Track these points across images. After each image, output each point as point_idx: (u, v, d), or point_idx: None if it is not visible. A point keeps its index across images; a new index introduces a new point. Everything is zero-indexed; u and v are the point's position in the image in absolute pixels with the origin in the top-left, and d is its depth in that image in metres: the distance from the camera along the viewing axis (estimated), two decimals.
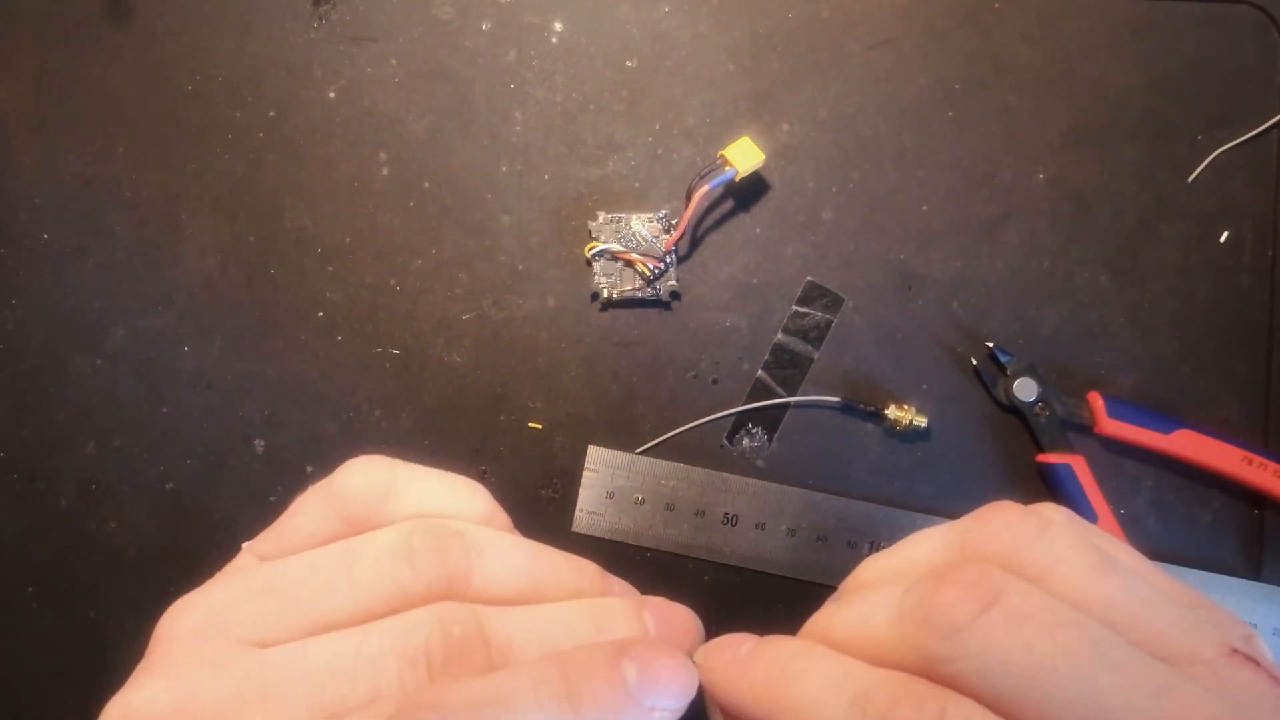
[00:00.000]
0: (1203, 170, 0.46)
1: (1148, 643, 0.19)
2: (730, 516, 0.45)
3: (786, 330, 0.47)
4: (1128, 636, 0.19)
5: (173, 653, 0.23)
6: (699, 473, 0.46)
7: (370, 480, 0.26)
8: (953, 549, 0.23)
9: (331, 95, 0.48)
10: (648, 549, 0.46)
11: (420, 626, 0.23)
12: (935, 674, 0.19)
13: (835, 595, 0.27)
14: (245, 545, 0.26)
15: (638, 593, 0.28)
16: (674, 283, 0.46)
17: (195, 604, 0.24)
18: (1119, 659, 0.18)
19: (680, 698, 0.23)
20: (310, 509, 0.26)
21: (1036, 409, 0.45)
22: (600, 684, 0.22)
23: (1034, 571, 0.21)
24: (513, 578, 0.25)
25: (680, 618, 0.27)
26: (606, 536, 0.45)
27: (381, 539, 0.24)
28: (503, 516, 0.28)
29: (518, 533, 0.28)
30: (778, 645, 0.24)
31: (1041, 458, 0.45)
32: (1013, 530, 0.22)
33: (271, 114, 0.48)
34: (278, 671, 0.22)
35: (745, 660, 0.24)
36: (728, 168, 0.44)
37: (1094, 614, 0.19)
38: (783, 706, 0.22)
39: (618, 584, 0.28)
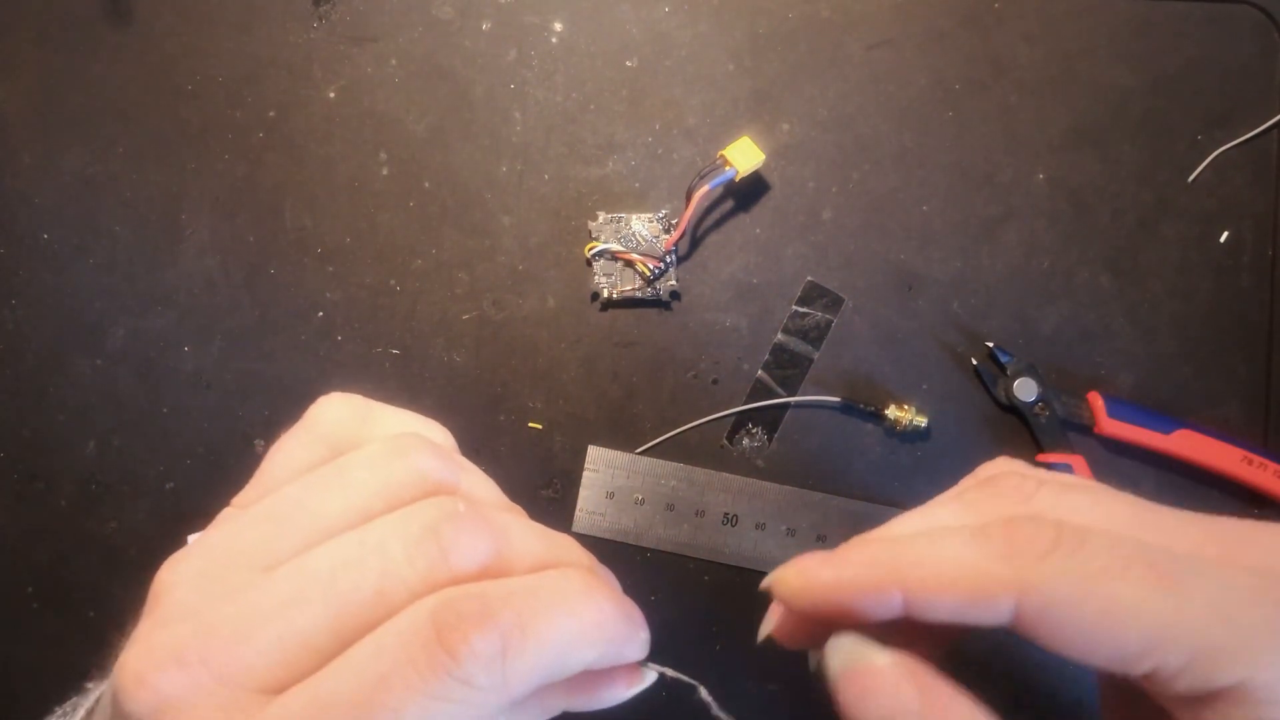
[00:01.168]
0: (1203, 170, 0.46)
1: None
2: (730, 516, 0.45)
3: (786, 330, 0.47)
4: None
5: (179, 596, 0.23)
6: (699, 473, 0.46)
7: (347, 410, 0.27)
8: (979, 509, 0.25)
9: (331, 95, 0.48)
10: (648, 549, 0.46)
11: (425, 508, 0.23)
12: (1024, 596, 0.21)
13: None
14: (233, 500, 0.26)
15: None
16: (674, 283, 0.46)
17: (191, 551, 0.24)
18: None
19: (647, 633, 0.25)
20: (290, 447, 0.26)
21: (1036, 409, 0.45)
22: (608, 589, 0.23)
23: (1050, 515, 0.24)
24: (489, 495, 0.26)
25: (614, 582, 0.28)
26: (607, 536, 0.45)
27: (371, 447, 0.25)
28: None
29: None
30: (866, 538, 0.25)
31: (1041, 457, 0.45)
32: (1021, 492, 0.25)
33: (271, 114, 0.48)
34: (288, 581, 0.22)
35: (842, 552, 0.24)
36: (728, 168, 0.44)
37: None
38: (907, 562, 0.23)
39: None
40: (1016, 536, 0.22)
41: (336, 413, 0.27)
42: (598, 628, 0.23)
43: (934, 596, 0.22)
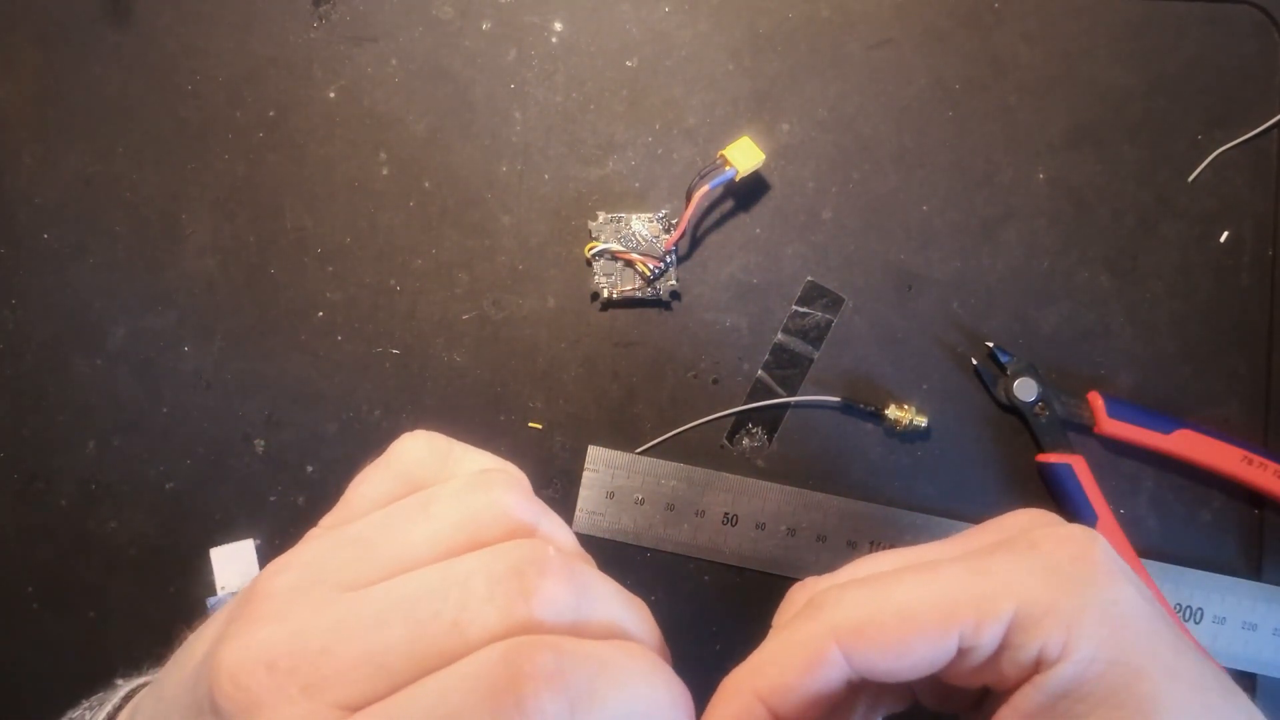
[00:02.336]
0: (1203, 170, 0.46)
1: None
2: (730, 516, 0.45)
3: (786, 330, 0.47)
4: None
5: (275, 603, 0.23)
6: (699, 473, 0.46)
7: (430, 448, 0.27)
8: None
9: (331, 95, 0.48)
10: (648, 549, 0.46)
11: (509, 550, 0.23)
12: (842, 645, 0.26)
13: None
14: (321, 522, 0.27)
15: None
16: (674, 283, 0.46)
17: (290, 562, 0.24)
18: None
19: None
20: (375, 478, 0.27)
21: (1036, 409, 0.45)
22: (667, 661, 0.23)
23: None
24: (567, 542, 0.26)
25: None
26: (607, 536, 0.45)
27: (455, 480, 0.25)
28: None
29: None
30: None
31: (1041, 457, 0.45)
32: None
33: (271, 114, 0.48)
34: (372, 603, 0.22)
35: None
36: (728, 168, 0.44)
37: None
38: (749, 679, 0.27)
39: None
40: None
41: (418, 451, 0.27)
42: (660, 712, 0.23)
43: (782, 691, 0.26)
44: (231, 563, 0.46)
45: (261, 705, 0.21)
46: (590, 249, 0.46)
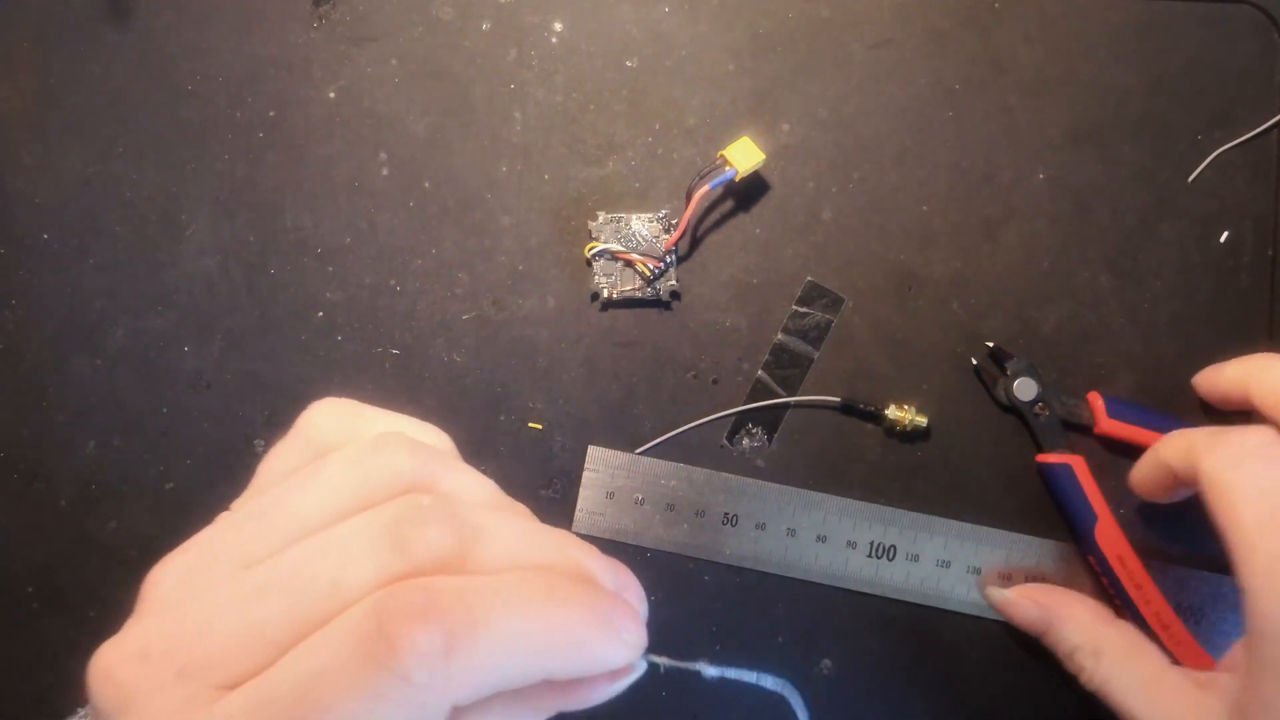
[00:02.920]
0: (1203, 170, 0.46)
1: None
2: (730, 516, 0.45)
3: (786, 330, 0.47)
4: None
5: (161, 593, 0.23)
6: (699, 473, 0.46)
7: (337, 415, 0.27)
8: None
9: (331, 95, 0.48)
10: (648, 549, 0.46)
11: (389, 505, 0.23)
12: None
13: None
14: (231, 505, 0.27)
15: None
16: (674, 283, 0.46)
17: (180, 552, 0.24)
18: None
19: (641, 638, 0.24)
20: (284, 451, 0.27)
21: (1036, 409, 0.45)
22: (582, 593, 0.23)
23: None
24: (479, 494, 0.26)
25: (633, 584, 0.27)
26: (607, 536, 0.46)
27: (349, 447, 0.25)
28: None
29: None
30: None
31: (1041, 458, 0.45)
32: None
33: (271, 114, 0.48)
34: (256, 578, 0.22)
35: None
36: (728, 168, 0.44)
37: None
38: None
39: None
40: None
41: (326, 417, 0.27)
42: (561, 634, 0.22)
43: None
44: None
45: (135, 695, 0.21)
46: (590, 249, 0.46)
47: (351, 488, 0.24)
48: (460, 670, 0.20)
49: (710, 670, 0.27)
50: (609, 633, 0.23)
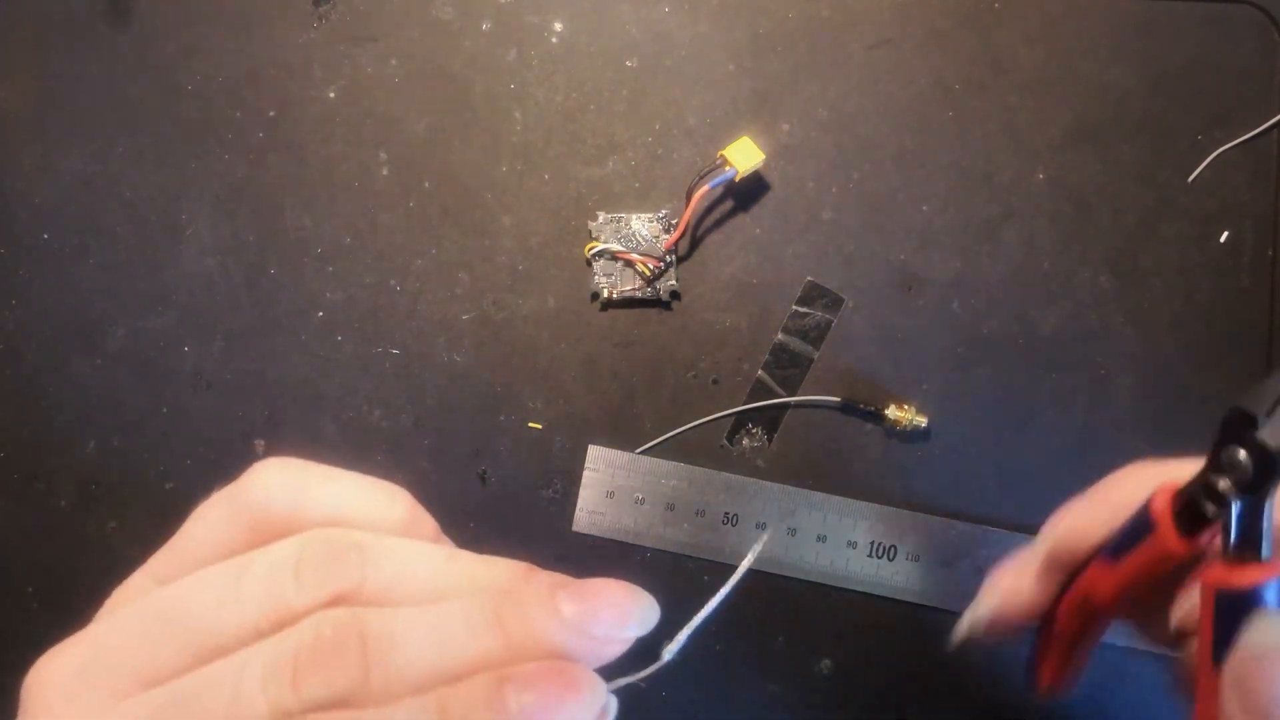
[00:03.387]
0: (1203, 170, 0.46)
1: None
2: (730, 516, 0.45)
3: (786, 330, 0.47)
4: None
5: (49, 703, 0.21)
6: (699, 472, 0.46)
7: (279, 483, 0.24)
8: None
9: (331, 95, 0.48)
10: (648, 549, 0.46)
11: (293, 633, 0.22)
12: None
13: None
14: (146, 564, 0.25)
15: (567, 577, 0.25)
16: (674, 283, 0.46)
17: (73, 645, 0.22)
18: None
19: (585, 712, 0.22)
20: (213, 516, 0.24)
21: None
22: (479, 715, 0.21)
23: None
24: (415, 586, 0.23)
25: (612, 597, 0.24)
26: (607, 536, 0.46)
27: (274, 551, 0.23)
28: (427, 523, 0.26)
29: (445, 538, 0.27)
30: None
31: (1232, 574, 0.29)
32: None
33: (271, 114, 0.48)
34: (150, 706, 0.21)
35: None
36: (728, 168, 0.44)
37: None
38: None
39: (545, 574, 0.25)
40: None
41: (267, 488, 0.24)
42: None
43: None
44: None
45: None
46: (590, 249, 0.46)
47: (267, 609, 0.22)
48: None
49: (671, 649, 0.26)
50: None
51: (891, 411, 0.45)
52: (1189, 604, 0.29)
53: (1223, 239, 0.46)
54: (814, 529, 0.45)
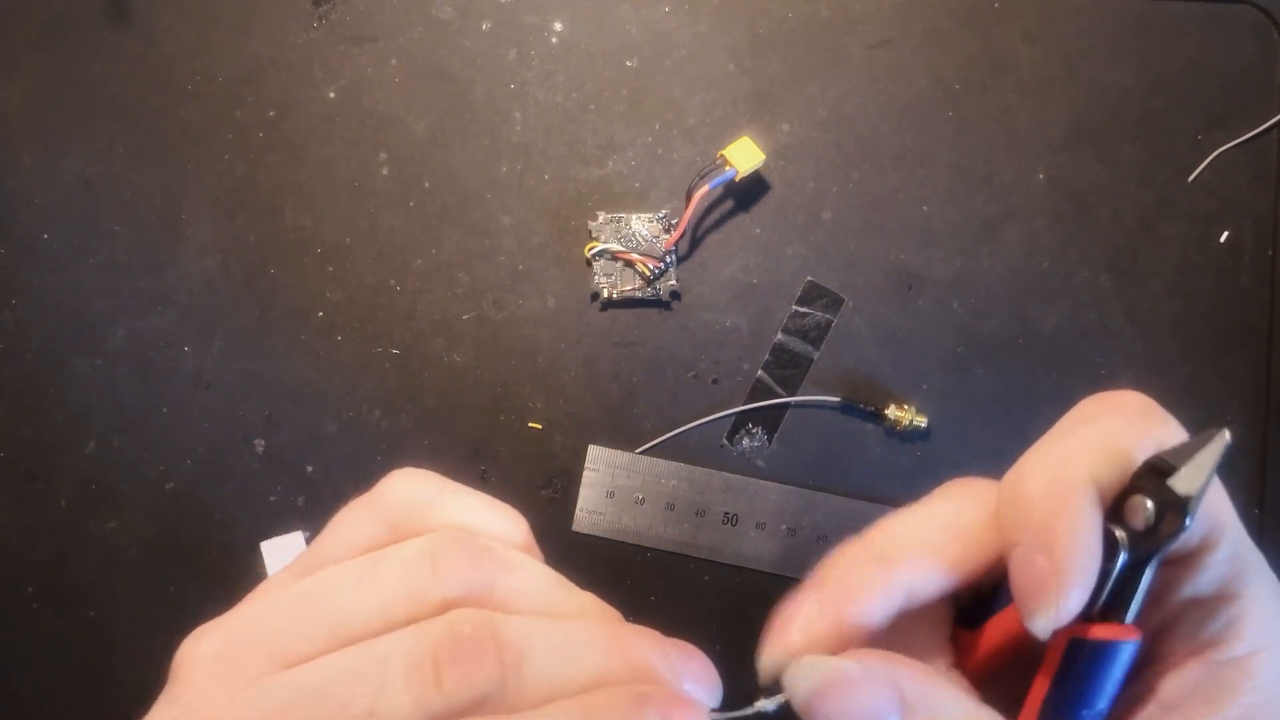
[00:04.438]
0: (1203, 170, 0.46)
1: None
2: (730, 516, 0.45)
3: (786, 330, 0.47)
4: None
5: (194, 678, 0.23)
6: (699, 472, 0.46)
7: (415, 488, 0.26)
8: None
9: (331, 95, 0.48)
10: (648, 548, 0.46)
11: (431, 628, 0.22)
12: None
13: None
14: (291, 563, 0.26)
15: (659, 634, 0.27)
16: (674, 283, 0.46)
17: (218, 627, 0.23)
18: None
19: None
20: (352, 518, 0.26)
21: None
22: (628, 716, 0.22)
23: None
24: (537, 599, 0.25)
25: (699, 660, 0.26)
26: (607, 536, 0.46)
27: (409, 546, 0.24)
28: (537, 552, 0.27)
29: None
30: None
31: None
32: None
33: (271, 114, 0.48)
34: (291, 690, 0.22)
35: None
36: (728, 168, 0.44)
37: None
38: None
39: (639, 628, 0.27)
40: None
41: (404, 490, 0.26)
42: None
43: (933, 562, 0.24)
44: (283, 556, 0.45)
45: None
46: (590, 249, 0.46)
47: (402, 599, 0.23)
48: None
49: (769, 706, 0.26)
50: None
51: (891, 411, 0.45)
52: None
53: (1223, 239, 0.46)
54: (814, 529, 0.45)
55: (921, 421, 0.45)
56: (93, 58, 0.48)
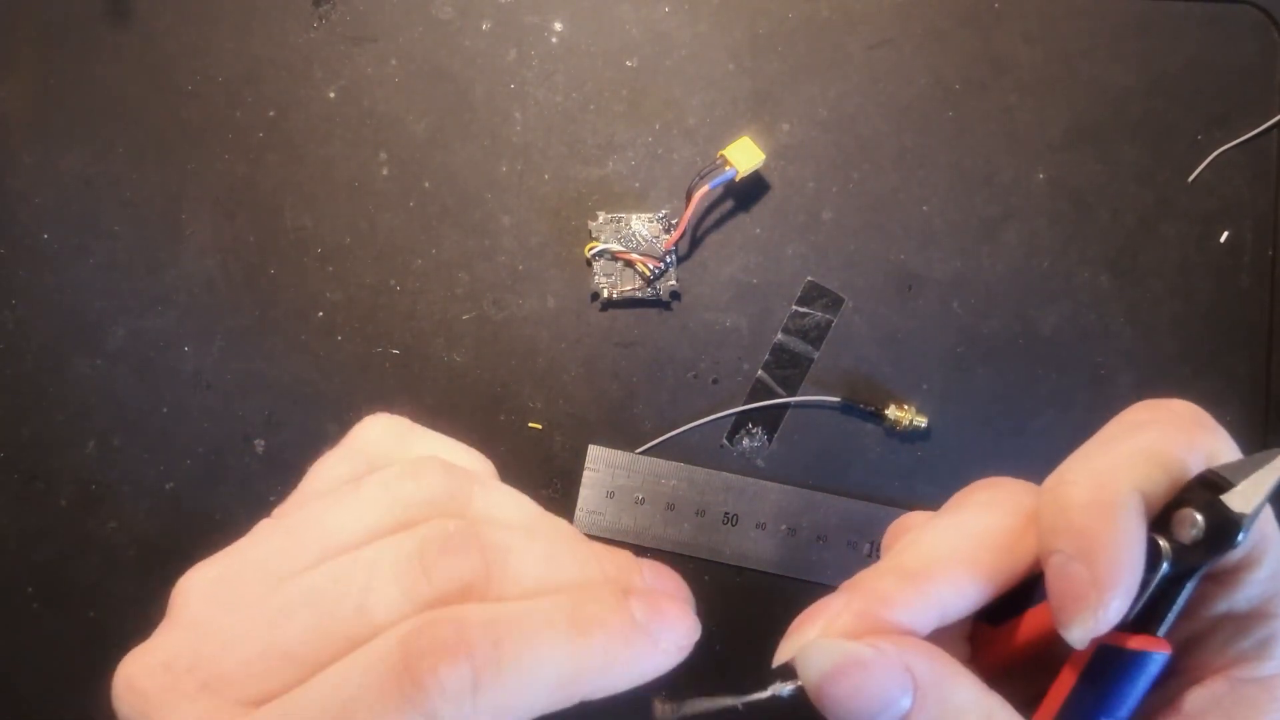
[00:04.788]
0: (1203, 170, 0.46)
1: None
2: (730, 516, 0.45)
3: (786, 330, 0.47)
4: None
5: (189, 603, 0.23)
6: (699, 472, 0.46)
7: (388, 429, 0.28)
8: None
9: (331, 95, 0.48)
10: (648, 549, 0.46)
11: (418, 530, 0.23)
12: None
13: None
14: (274, 510, 0.27)
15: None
16: (674, 283, 0.46)
17: (213, 561, 0.24)
18: None
19: (686, 637, 0.24)
20: (330, 462, 0.27)
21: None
22: (609, 613, 0.23)
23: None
24: (513, 515, 0.26)
25: (673, 579, 0.27)
26: (607, 536, 0.46)
27: (389, 467, 0.25)
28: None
29: None
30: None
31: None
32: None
33: (271, 114, 0.48)
34: (285, 596, 0.22)
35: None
36: (728, 168, 0.44)
37: None
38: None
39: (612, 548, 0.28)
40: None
41: (377, 432, 0.28)
42: (591, 660, 0.22)
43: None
44: None
45: (158, 706, 0.21)
46: (590, 249, 0.46)
47: (386, 508, 0.24)
48: (488, 706, 0.20)
49: (784, 691, 0.26)
50: (645, 646, 0.23)
51: (891, 411, 0.45)
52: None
53: (1223, 239, 0.46)
54: (814, 529, 0.45)
55: (921, 421, 0.45)
56: (93, 58, 0.48)
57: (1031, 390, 0.46)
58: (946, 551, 0.24)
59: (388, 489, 0.24)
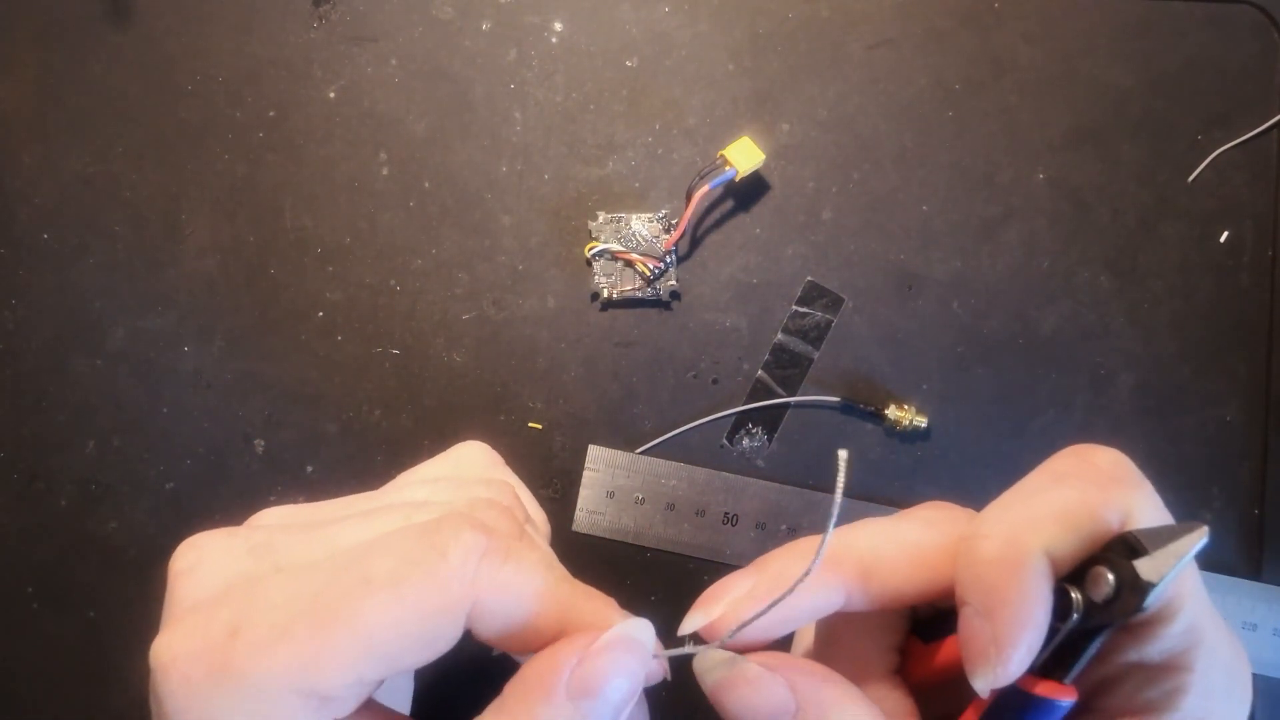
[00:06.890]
0: (1203, 170, 0.46)
1: None
2: (730, 516, 0.45)
3: (786, 330, 0.47)
4: None
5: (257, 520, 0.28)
6: (699, 472, 0.46)
7: (483, 455, 0.32)
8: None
9: (331, 95, 0.48)
10: (648, 548, 0.46)
11: (467, 495, 0.28)
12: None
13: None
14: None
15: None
16: (674, 283, 0.46)
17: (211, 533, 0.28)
18: None
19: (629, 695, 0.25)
20: (432, 462, 0.31)
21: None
22: (587, 594, 0.26)
23: None
24: (537, 523, 0.31)
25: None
26: (607, 536, 0.46)
27: (474, 480, 0.30)
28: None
29: None
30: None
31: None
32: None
33: (271, 114, 0.48)
34: (360, 506, 0.27)
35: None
36: (728, 168, 0.44)
37: None
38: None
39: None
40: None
41: (473, 454, 0.32)
42: (574, 605, 0.24)
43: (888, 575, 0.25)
44: None
45: (208, 549, 0.28)
46: (590, 249, 0.46)
47: (452, 496, 0.28)
48: (488, 575, 0.23)
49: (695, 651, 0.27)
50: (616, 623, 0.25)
51: (891, 411, 0.45)
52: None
53: (1223, 239, 0.46)
54: (814, 529, 0.45)
55: (921, 421, 0.45)
56: (93, 58, 0.48)
57: (1031, 390, 0.46)
58: (867, 548, 0.26)
59: (462, 489, 0.28)
